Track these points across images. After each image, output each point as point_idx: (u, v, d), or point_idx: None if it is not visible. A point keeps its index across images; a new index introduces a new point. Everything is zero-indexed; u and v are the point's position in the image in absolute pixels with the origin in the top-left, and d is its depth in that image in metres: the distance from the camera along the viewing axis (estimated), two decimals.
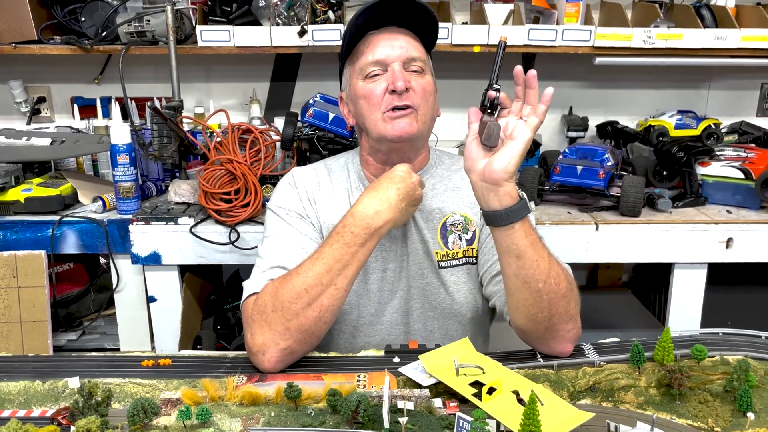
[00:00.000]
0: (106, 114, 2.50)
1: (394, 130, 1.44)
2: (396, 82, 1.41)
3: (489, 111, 1.25)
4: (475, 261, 1.58)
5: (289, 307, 1.29)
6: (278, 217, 1.54)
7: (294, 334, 1.29)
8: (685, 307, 2.21)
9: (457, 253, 1.57)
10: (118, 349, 2.26)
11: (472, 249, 1.57)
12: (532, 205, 2.23)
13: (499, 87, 1.26)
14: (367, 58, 1.45)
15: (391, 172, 1.41)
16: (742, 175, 2.23)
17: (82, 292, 2.37)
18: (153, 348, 2.21)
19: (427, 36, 1.52)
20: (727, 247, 2.14)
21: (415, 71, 1.46)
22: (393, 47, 1.45)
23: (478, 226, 1.58)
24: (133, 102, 2.46)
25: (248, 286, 1.41)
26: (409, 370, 1.23)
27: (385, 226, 1.36)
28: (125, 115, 2.42)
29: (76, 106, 2.59)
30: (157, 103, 2.35)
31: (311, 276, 1.30)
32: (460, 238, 1.57)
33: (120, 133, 2.10)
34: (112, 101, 2.43)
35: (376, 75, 1.46)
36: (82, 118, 2.54)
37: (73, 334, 2.33)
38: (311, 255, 1.35)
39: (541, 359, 1.31)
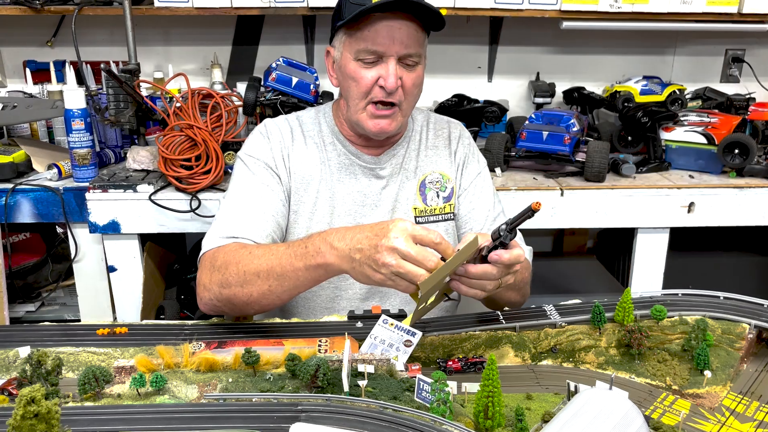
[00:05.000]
0: (60, 78, 2.40)
1: (374, 126, 1.47)
2: (388, 80, 1.40)
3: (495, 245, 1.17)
4: (452, 217, 1.61)
5: (227, 277, 1.32)
6: (245, 166, 1.54)
7: (223, 300, 1.34)
8: (648, 272, 2.24)
9: (434, 209, 1.60)
10: (79, 321, 2.21)
11: (450, 205, 1.61)
12: (498, 171, 2.22)
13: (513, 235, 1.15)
14: (366, 45, 1.41)
15: (389, 223, 1.17)
16: (704, 140, 2.25)
17: (39, 263, 2.30)
18: (114, 319, 2.17)
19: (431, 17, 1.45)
20: (689, 211, 2.17)
21: (408, 65, 1.44)
22: (393, 40, 1.39)
23: (456, 184, 1.61)
24: (89, 66, 2.37)
25: (206, 244, 1.44)
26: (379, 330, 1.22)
27: (333, 267, 1.22)
28: (80, 80, 2.33)
29: (28, 70, 2.48)
30: (113, 67, 2.27)
31: (255, 264, 1.29)
32: (438, 196, 1.60)
33: (74, 97, 2.02)
34: (66, 65, 2.34)
35: (370, 62, 1.42)
36: (35, 83, 2.44)
37: (31, 305, 2.28)
38: (274, 245, 1.35)
39: (503, 321, 1.31)
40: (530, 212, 1.07)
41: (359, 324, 1.31)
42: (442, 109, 2.42)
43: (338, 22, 1.44)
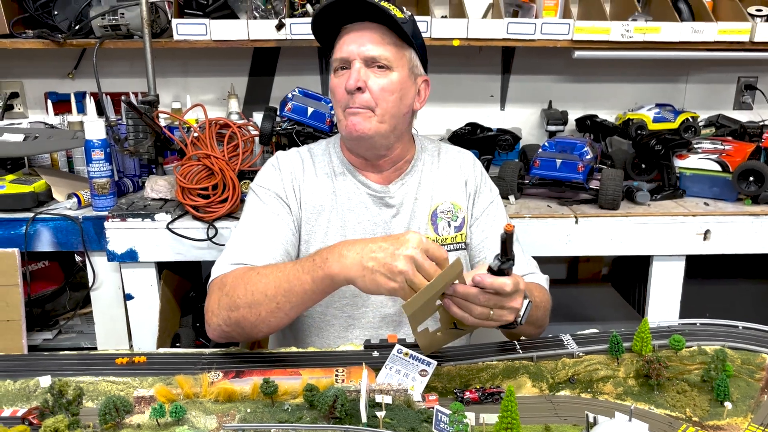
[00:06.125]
0: (81, 109, 2.46)
1: (349, 128, 1.48)
2: (347, 82, 1.44)
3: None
4: (464, 247, 1.62)
5: (234, 299, 1.32)
6: (256, 196, 1.57)
7: (231, 323, 1.34)
8: (664, 300, 2.23)
9: (446, 239, 1.60)
10: (95, 348, 2.23)
11: (462, 235, 1.62)
12: (512, 198, 2.23)
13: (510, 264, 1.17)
14: (336, 54, 1.48)
15: (405, 234, 1.19)
16: (719, 168, 2.25)
17: (57, 291, 2.33)
18: (131, 347, 2.18)
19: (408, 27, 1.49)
20: (704, 239, 2.16)
21: (379, 68, 1.46)
22: (357, 44, 1.45)
23: (467, 213, 1.62)
24: (108, 97, 2.42)
25: (215, 271, 1.45)
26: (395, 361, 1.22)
27: (340, 277, 1.22)
28: (100, 111, 2.38)
29: (49, 101, 2.54)
30: (132, 98, 2.32)
31: (263, 283, 1.30)
32: (449, 225, 1.61)
33: (94, 128, 2.07)
34: (87, 96, 2.39)
35: (342, 70, 1.48)
36: (56, 114, 2.49)
37: (48, 333, 2.29)
38: (282, 263, 1.37)
39: (520, 351, 1.31)
40: (505, 234, 1.10)
41: (375, 353, 1.31)
42: (456, 137, 2.44)
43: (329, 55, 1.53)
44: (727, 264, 2.38)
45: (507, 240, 1.12)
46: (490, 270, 1.16)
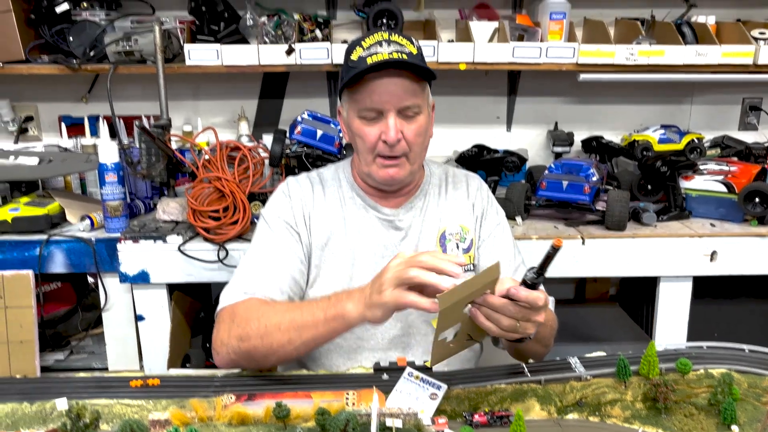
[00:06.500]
0: (94, 132, 2.50)
1: (384, 175, 1.52)
2: (389, 135, 1.45)
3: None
4: (472, 268, 1.64)
5: (247, 330, 1.35)
6: (266, 224, 1.59)
7: (241, 353, 1.37)
8: (672, 320, 2.24)
9: None
10: (107, 369, 2.25)
11: (470, 257, 1.64)
12: (519, 219, 2.25)
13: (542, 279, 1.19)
14: (365, 103, 1.47)
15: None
16: (724, 189, 2.26)
17: (69, 312, 2.36)
18: (141, 367, 2.20)
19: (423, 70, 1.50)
20: (711, 260, 2.17)
21: (409, 116, 1.48)
22: (390, 95, 1.45)
23: (475, 235, 1.64)
24: (121, 120, 2.46)
25: (224, 299, 1.48)
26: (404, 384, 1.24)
27: (350, 315, 1.28)
28: (113, 133, 2.42)
29: (63, 124, 2.59)
30: (145, 122, 2.36)
31: (277, 318, 1.34)
32: (458, 247, 1.63)
33: (108, 151, 2.11)
34: (100, 120, 2.44)
35: (372, 118, 1.48)
36: (69, 137, 2.54)
37: (60, 354, 2.32)
38: (296, 303, 1.40)
39: (528, 374, 1.32)
40: (552, 250, 1.10)
41: (385, 376, 1.33)
42: (463, 158, 2.47)
43: (341, 84, 1.53)
44: (735, 283, 2.38)
45: (551, 255, 1.12)
46: (524, 282, 1.17)
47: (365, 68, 1.42)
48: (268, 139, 2.31)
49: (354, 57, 1.45)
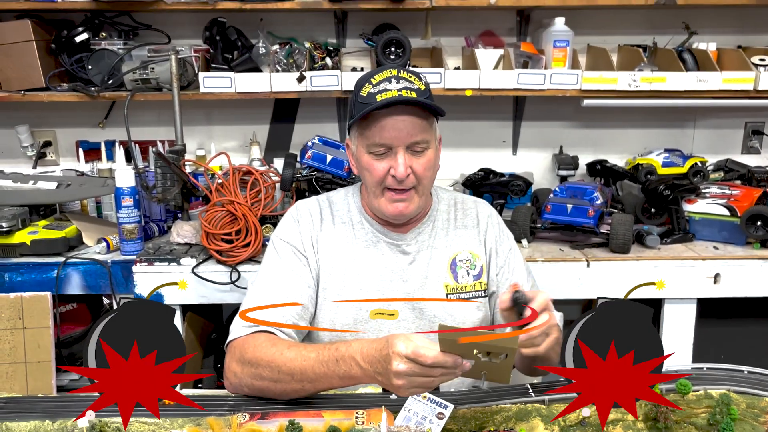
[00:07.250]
0: (110, 157, 2.57)
1: (393, 210, 1.56)
2: (398, 170, 1.50)
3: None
4: (483, 294, 1.67)
5: (259, 372, 1.39)
6: (275, 250, 1.63)
7: (255, 390, 1.41)
8: (677, 342, 2.26)
9: (465, 287, 1.65)
10: None
11: (480, 283, 1.66)
12: (524, 242, 2.29)
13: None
14: (375, 139, 1.51)
15: (385, 350, 1.26)
16: (727, 212, 2.30)
17: (84, 332, 2.40)
18: None
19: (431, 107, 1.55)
20: (715, 282, 2.20)
21: (417, 151, 1.53)
22: (399, 131, 1.49)
23: (485, 262, 1.68)
24: (137, 145, 2.53)
25: (233, 331, 1.50)
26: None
27: (365, 380, 1.33)
28: (128, 157, 2.49)
29: (81, 149, 2.67)
30: (160, 147, 2.43)
31: (288, 366, 1.36)
32: (468, 273, 1.66)
33: (124, 176, 2.17)
34: (116, 145, 2.51)
35: (381, 154, 1.53)
36: (86, 161, 2.61)
37: (75, 374, 2.36)
38: (307, 346, 1.41)
39: (533, 394, 1.36)
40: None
41: (393, 396, 1.37)
42: (469, 182, 2.52)
43: (350, 119, 1.57)
44: (741, 305, 2.40)
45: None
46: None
47: (375, 106, 1.46)
48: (279, 163, 2.37)
49: (363, 93, 1.50)
